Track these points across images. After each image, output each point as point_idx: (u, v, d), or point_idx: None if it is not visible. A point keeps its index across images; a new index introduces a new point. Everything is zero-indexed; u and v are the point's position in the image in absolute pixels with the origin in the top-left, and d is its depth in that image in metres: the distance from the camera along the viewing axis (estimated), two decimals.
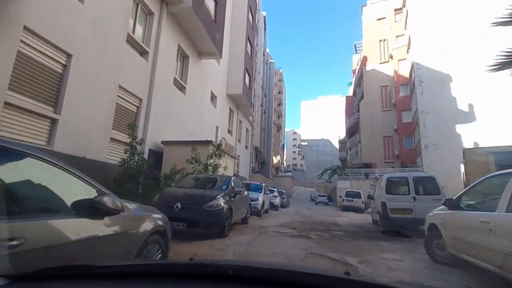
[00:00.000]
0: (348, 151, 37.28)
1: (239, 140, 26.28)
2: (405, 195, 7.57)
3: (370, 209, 10.34)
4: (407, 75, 27.83)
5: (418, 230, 6.43)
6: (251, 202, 10.12)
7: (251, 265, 1.29)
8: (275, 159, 53.09)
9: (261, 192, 11.22)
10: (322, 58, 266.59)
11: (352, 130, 37.18)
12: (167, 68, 11.41)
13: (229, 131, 23.14)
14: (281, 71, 58.60)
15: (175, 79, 12.34)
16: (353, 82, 40.20)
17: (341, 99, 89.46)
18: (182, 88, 13.46)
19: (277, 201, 15.55)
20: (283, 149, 63.74)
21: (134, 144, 7.68)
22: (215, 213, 5.72)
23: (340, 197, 22.10)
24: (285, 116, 75.09)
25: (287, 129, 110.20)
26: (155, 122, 10.40)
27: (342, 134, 55.62)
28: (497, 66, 5.45)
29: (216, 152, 10.16)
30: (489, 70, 5.61)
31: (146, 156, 8.94)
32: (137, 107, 9.59)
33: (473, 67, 22.46)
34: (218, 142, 11.94)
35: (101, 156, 7.58)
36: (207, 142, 10.92)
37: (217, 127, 19.72)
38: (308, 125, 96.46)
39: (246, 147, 29.55)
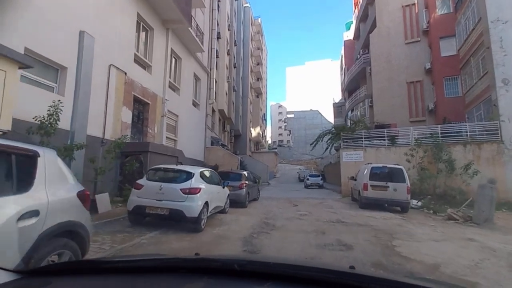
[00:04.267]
0: (349, 113, 27.07)
1: (175, 90, 15.43)
2: None
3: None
4: None
5: None
6: None
7: (257, 260, 1.32)
8: (254, 132, 42.59)
9: None
10: (309, 18, 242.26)
11: (355, 84, 26.77)
12: None
13: (139, 62, 12.18)
14: (259, 21, 46.56)
15: None
16: (356, 17, 29.12)
17: (332, 63, 78.55)
18: None
19: (194, 208, 4.97)
20: (264, 119, 53.16)
21: None
22: None
23: (353, 178, 11.91)
24: (268, 86, 64.06)
25: (272, 102, 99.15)
26: None
27: (338, 97, 45.40)
28: None
29: None
30: None
31: None
32: None
33: None
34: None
35: None
36: None
37: (82, 33, 8.71)
38: (294, 95, 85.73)
39: (197, 105, 18.75)
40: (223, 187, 7.38)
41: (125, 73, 10.66)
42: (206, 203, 5.51)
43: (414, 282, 1.12)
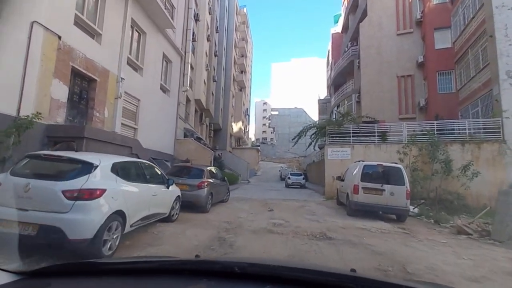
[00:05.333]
0: (335, 109, 25.60)
1: (137, 69, 13.14)
2: None
3: None
4: None
5: None
6: None
7: (257, 263, 1.26)
8: (236, 127, 40.52)
9: None
10: (296, 14, 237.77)
11: (342, 79, 25.36)
12: None
13: (84, 26, 9.77)
14: (245, 11, 44.30)
15: None
16: (345, 8, 27.63)
17: (319, 61, 77.53)
18: None
19: (85, 224, 2.82)
20: (247, 114, 51.11)
21: None
22: None
23: (340, 178, 10.14)
24: (252, 81, 62.07)
25: (256, 99, 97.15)
26: None
27: (323, 94, 44.22)
28: None
29: None
30: None
31: None
32: None
33: None
34: None
35: None
36: None
37: None
38: (279, 92, 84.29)
39: (166, 91, 16.46)
40: (168, 187, 5.32)
41: (59, 37, 8.27)
42: (121, 214, 3.46)
43: (417, 286, 1.10)
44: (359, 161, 8.80)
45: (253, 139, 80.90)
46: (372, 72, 18.70)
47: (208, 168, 8.48)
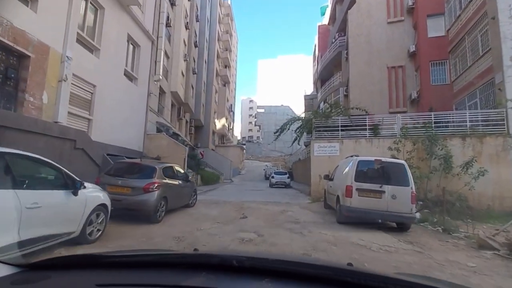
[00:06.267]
0: (321, 104, 24.30)
1: (92, 50, 11.17)
2: None
3: None
4: None
5: None
6: None
7: (255, 256, 1.28)
8: (219, 123, 38.60)
9: None
10: (283, 10, 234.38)
11: (329, 72, 24.08)
12: None
13: None
14: (229, 3, 42.33)
15: None
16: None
17: (305, 58, 76.73)
18: None
19: None
20: (232, 111, 49.24)
21: None
22: None
23: (328, 177, 8.62)
24: (238, 79, 60.27)
25: (242, 96, 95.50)
26: None
27: (309, 90, 43.06)
28: None
29: None
30: None
31: None
32: None
33: None
34: None
35: None
36: None
37: None
38: (266, 90, 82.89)
39: (133, 78, 14.46)
40: (76, 192, 3.55)
41: None
42: None
43: (413, 280, 1.09)
44: (352, 156, 7.32)
45: (239, 137, 79.16)
46: (361, 62, 17.42)
47: (167, 165, 6.73)
